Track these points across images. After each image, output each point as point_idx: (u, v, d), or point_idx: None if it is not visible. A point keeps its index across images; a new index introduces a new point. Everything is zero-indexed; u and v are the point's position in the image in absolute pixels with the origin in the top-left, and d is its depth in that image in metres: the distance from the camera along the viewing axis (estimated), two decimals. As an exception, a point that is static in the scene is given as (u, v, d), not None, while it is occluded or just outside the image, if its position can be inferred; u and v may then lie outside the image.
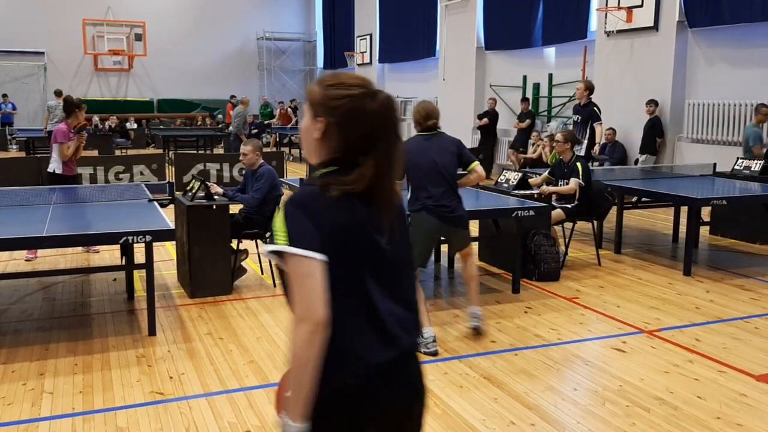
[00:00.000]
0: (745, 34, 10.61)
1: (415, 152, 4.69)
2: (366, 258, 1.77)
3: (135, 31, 24.59)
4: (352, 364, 1.71)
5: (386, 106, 1.84)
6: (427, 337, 4.58)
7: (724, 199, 6.73)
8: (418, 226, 4.65)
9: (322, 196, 1.74)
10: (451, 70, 17.57)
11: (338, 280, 1.71)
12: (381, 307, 1.76)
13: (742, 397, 3.92)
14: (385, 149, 1.79)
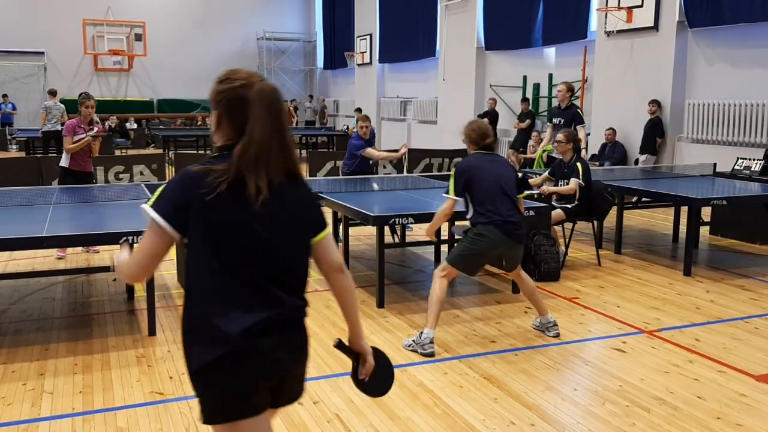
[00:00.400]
0: (745, 34, 10.61)
1: (479, 168, 4.74)
2: (235, 238, 1.97)
3: (135, 31, 24.61)
4: (220, 337, 1.94)
5: (261, 93, 2.00)
6: (424, 338, 4.57)
7: (724, 199, 6.73)
8: (484, 238, 4.65)
9: (201, 176, 1.95)
10: (451, 70, 17.58)
11: (203, 255, 1.96)
12: (249, 283, 2.00)
13: (742, 397, 3.92)
14: (258, 135, 1.97)
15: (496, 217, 4.63)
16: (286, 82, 27.18)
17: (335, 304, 5.88)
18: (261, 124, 1.97)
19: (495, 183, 4.70)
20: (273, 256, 2.07)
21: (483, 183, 4.69)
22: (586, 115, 13.20)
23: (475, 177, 4.70)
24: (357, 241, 8.10)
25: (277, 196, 2.03)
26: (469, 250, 4.70)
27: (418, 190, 7.12)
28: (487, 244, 4.66)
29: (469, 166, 4.76)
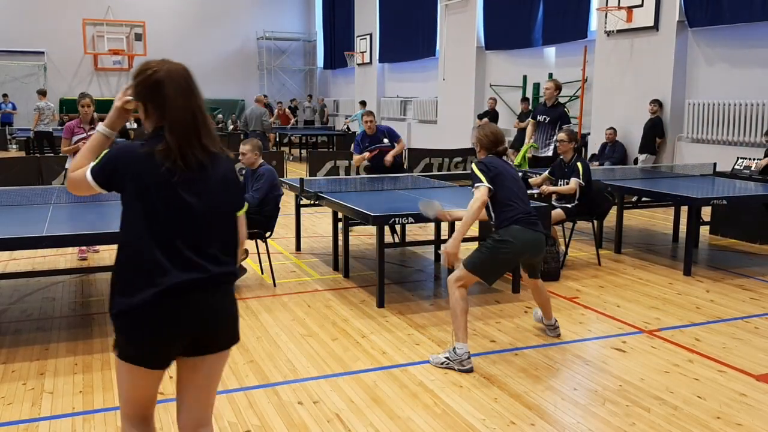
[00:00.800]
0: (745, 33, 10.61)
1: (501, 167, 4.55)
2: (161, 205, 2.23)
3: (135, 30, 24.60)
4: (136, 286, 2.22)
5: (170, 74, 2.29)
6: (461, 354, 4.28)
7: (724, 198, 6.72)
8: (508, 245, 4.35)
9: (134, 148, 2.27)
10: (451, 69, 17.58)
11: (135, 218, 2.24)
12: (173, 245, 2.24)
13: (742, 397, 3.92)
14: (173, 111, 2.26)
15: (521, 215, 4.41)
16: (286, 81, 27.18)
17: (335, 304, 5.91)
18: (174, 101, 2.26)
19: (515, 183, 4.57)
20: (195, 223, 2.29)
21: (506, 182, 4.48)
22: (586, 115, 13.23)
23: (500, 175, 4.47)
24: (357, 240, 8.10)
25: (201, 169, 2.29)
26: (492, 258, 4.40)
27: (418, 189, 7.11)
28: (511, 251, 4.38)
29: (493, 164, 4.54)
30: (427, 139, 18.54)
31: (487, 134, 4.67)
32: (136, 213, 2.24)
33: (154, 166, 2.22)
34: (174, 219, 2.25)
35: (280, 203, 6.39)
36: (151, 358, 2.34)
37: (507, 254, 4.40)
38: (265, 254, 6.37)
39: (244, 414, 3.69)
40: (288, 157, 17.60)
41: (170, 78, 2.29)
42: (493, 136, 4.65)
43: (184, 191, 2.25)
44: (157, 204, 2.23)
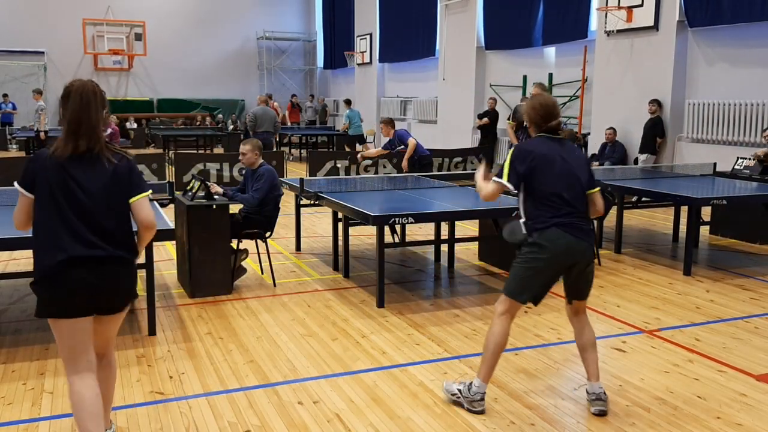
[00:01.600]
0: (745, 33, 10.61)
1: (545, 156, 3.67)
2: (58, 192, 2.88)
3: (135, 30, 24.60)
4: (45, 259, 2.90)
5: (76, 88, 2.94)
6: (474, 393, 3.73)
7: (724, 198, 6.72)
8: (542, 250, 3.61)
9: (42, 153, 2.97)
10: (451, 69, 17.58)
11: (42, 207, 2.92)
12: (68, 227, 2.88)
13: (742, 397, 3.92)
14: (70, 115, 2.91)
15: (559, 219, 3.61)
16: (286, 81, 27.18)
17: (335, 304, 5.91)
18: (73, 107, 2.91)
19: (563, 177, 3.67)
20: (87, 209, 2.91)
21: (548, 176, 3.64)
22: (586, 115, 13.24)
23: (539, 167, 3.64)
24: (357, 240, 8.10)
25: (90, 162, 2.93)
26: (525, 270, 3.67)
27: (418, 189, 7.11)
28: (547, 257, 3.60)
29: (535, 152, 3.67)
30: (427, 139, 18.49)
31: (535, 107, 3.78)
32: (41, 201, 2.92)
33: (52, 163, 2.89)
34: (67, 205, 2.88)
35: (280, 203, 6.39)
36: (63, 310, 2.95)
37: (539, 263, 3.62)
38: (265, 254, 6.37)
39: (244, 414, 3.69)
40: (288, 157, 17.59)
41: (75, 91, 2.92)
42: (543, 109, 3.75)
43: (74, 181, 2.89)
44: (55, 192, 2.88)
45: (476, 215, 6.38)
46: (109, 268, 2.95)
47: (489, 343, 3.71)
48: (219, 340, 4.82)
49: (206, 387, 4.04)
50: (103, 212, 2.92)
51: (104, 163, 2.93)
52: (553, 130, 3.76)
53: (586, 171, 3.82)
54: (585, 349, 3.79)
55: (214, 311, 5.48)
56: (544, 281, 3.71)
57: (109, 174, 2.93)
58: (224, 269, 5.90)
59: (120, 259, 2.98)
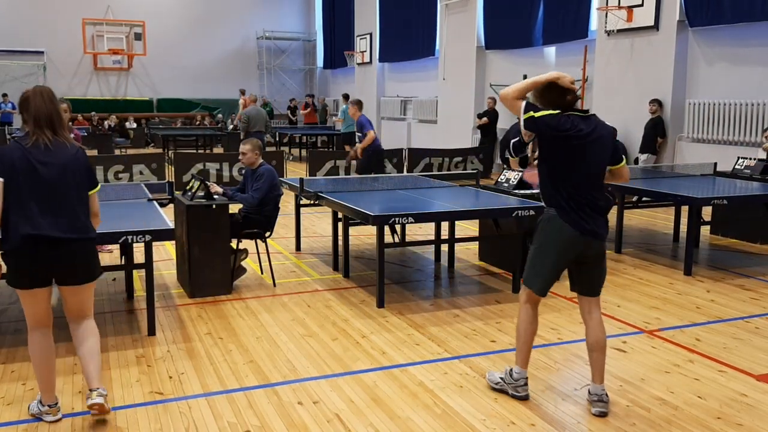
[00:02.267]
0: (745, 33, 10.60)
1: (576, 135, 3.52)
2: (27, 180, 3.35)
3: (134, 30, 24.59)
4: (13, 234, 3.36)
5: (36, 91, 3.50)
6: (517, 378, 3.86)
7: (724, 198, 6.71)
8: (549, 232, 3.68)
9: (15, 145, 3.44)
10: (451, 69, 17.57)
11: (12, 189, 3.34)
12: (33, 207, 3.35)
13: (742, 397, 3.92)
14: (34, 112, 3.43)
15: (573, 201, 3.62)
16: (285, 81, 27.17)
17: (335, 304, 5.91)
18: (36, 106, 3.43)
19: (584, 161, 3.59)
20: (50, 194, 3.39)
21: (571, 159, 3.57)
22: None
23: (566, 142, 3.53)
24: (357, 240, 8.10)
25: (54, 154, 3.41)
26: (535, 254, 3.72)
27: (418, 189, 7.11)
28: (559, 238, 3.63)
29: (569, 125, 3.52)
30: (427, 139, 18.52)
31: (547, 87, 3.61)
32: (12, 185, 3.34)
33: (21, 152, 3.37)
34: (31, 189, 3.36)
35: (280, 203, 6.38)
36: (28, 282, 3.44)
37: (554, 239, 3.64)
38: (265, 254, 6.36)
39: (243, 414, 3.68)
40: (288, 157, 17.57)
41: (35, 93, 3.47)
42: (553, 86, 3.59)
43: (38, 168, 3.36)
44: (20, 178, 3.34)
45: (476, 215, 6.37)
46: (67, 244, 3.43)
47: (518, 329, 3.86)
48: (219, 340, 4.81)
49: (206, 387, 4.03)
50: (64, 195, 3.42)
51: (67, 151, 3.46)
52: (570, 105, 3.60)
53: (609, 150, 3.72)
54: (592, 349, 3.78)
55: (213, 311, 5.47)
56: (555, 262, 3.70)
57: (71, 160, 3.47)
58: (224, 269, 5.90)
59: (75, 236, 3.44)
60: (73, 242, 3.44)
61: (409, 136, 20.17)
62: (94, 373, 3.56)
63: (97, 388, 3.53)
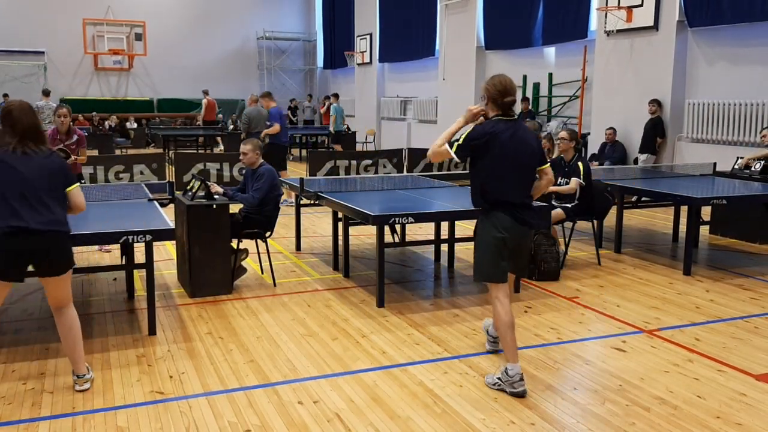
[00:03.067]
0: (745, 33, 10.61)
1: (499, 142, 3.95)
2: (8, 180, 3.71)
3: (135, 30, 24.60)
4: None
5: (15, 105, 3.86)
6: (513, 375, 3.93)
7: (724, 198, 6.72)
8: (489, 227, 4.02)
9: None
10: (451, 69, 17.58)
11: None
12: (15, 205, 3.69)
13: (741, 397, 3.93)
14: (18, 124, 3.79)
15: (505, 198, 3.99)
16: (286, 81, 27.18)
17: (335, 304, 5.91)
18: (24, 118, 3.81)
19: (512, 163, 3.98)
20: (30, 193, 3.72)
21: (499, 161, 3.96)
22: (586, 115, 13.23)
23: (489, 152, 3.95)
24: (357, 240, 8.11)
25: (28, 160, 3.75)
26: (482, 247, 4.06)
27: (417, 189, 7.12)
28: (499, 232, 3.98)
29: (490, 135, 3.95)
30: (426, 139, 18.49)
31: (495, 83, 4.02)
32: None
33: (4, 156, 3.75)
34: (11, 187, 3.70)
35: (280, 203, 6.39)
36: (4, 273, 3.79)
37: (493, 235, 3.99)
38: (265, 254, 6.37)
39: (244, 413, 3.69)
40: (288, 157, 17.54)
41: (14, 106, 3.84)
42: (501, 86, 4.00)
43: (18, 168, 3.71)
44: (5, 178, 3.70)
45: (476, 215, 6.37)
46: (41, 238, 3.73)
47: (497, 325, 4.08)
48: (219, 340, 4.82)
49: (206, 387, 4.04)
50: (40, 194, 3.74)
51: (43, 156, 3.81)
52: (507, 106, 4.02)
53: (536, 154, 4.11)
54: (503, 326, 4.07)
55: (214, 311, 5.48)
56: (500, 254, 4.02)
57: (47, 164, 3.80)
58: (224, 269, 5.91)
59: (50, 230, 3.75)
60: (49, 233, 3.75)
61: (409, 136, 20.18)
62: (77, 358, 3.99)
63: (84, 374, 3.99)
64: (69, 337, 3.98)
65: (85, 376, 4.01)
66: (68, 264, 3.92)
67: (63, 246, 3.88)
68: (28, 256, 3.78)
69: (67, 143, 7.14)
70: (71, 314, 4.00)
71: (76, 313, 4.03)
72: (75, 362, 4.01)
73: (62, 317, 3.98)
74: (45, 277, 3.87)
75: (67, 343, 3.99)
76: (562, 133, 7.10)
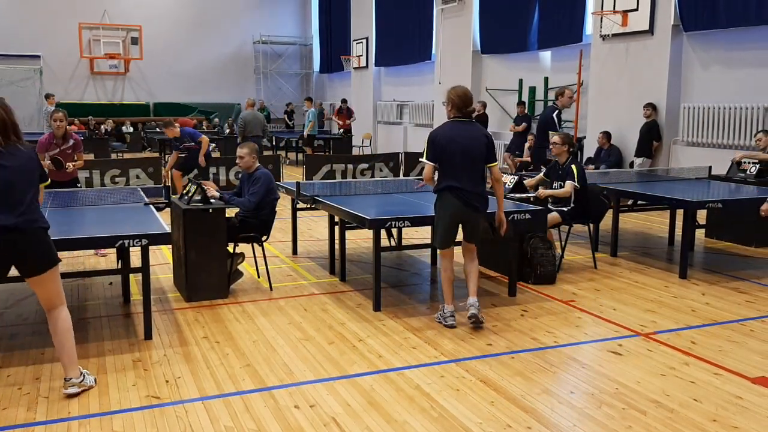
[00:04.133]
0: (739, 37, 10.66)
1: (449, 139, 4.99)
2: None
3: (131, 34, 24.57)
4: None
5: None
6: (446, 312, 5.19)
7: (719, 202, 6.74)
8: (443, 203, 5.09)
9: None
10: (447, 73, 17.60)
11: None
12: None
13: (737, 400, 3.93)
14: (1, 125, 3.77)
15: (455, 184, 4.98)
16: (282, 85, 27.18)
17: (332, 308, 5.91)
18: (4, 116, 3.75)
19: (461, 155, 4.97)
20: (7, 190, 3.69)
21: (450, 155, 4.97)
22: (582, 119, 13.27)
23: (444, 148, 4.98)
24: (353, 244, 8.10)
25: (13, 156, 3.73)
26: (437, 219, 5.15)
27: (414, 193, 7.12)
28: (447, 210, 5.05)
29: (440, 137, 5.03)
30: (423, 143, 18.52)
31: (458, 94, 5.06)
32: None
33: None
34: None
35: (277, 207, 6.39)
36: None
37: (444, 212, 5.08)
38: (262, 258, 6.36)
39: (240, 418, 3.69)
40: (284, 161, 17.56)
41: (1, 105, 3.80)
42: (465, 96, 5.05)
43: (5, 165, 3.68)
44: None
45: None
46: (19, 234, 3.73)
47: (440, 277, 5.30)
48: (215, 344, 4.81)
49: (202, 391, 4.03)
50: (20, 192, 3.72)
51: (23, 154, 3.79)
52: (467, 115, 5.08)
53: (482, 149, 5.03)
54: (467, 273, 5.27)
55: (210, 315, 5.48)
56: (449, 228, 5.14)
57: (26, 161, 3.80)
58: (220, 273, 5.90)
59: (25, 227, 3.74)
60: (28, 231, 3.75)
61: (405, 140, 20.20)
62: (66, 361, 3.96)
63: (70, 377, 3.94)
64: (58, 339, 3.95)
65: (71, 380, 3.95)
66: (50, 261, 3.88)
67: (43, 242, 3.85)
68: (8, 255, 3.78)
69: (64, 148, 7.13)
70: (61, 315, 3.96)
71: (67, 314, 4.00)
72: (64, 365, 3.98)
73: (52, 318, 3.96)
74: (29, 277, 3.88)
75: (56, 344, 3.97)
76: (555, 137, 7.12)
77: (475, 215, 5.14)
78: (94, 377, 4.14)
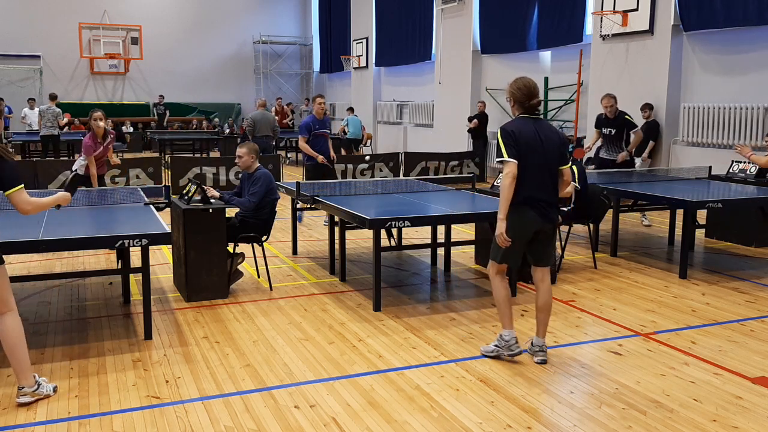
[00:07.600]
0: (739, 37, 10.65)
1: (526, 135, 4.26)
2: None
3: (131, 34, 24.56)
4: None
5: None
6: (509, 340, 4.49)
7: (719, 202, 6.74)
8: (518, 222, 4.33)
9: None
10: (447, 73, 17.60)
11: None
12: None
13: (737, 400, 3.93)
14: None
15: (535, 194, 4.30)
16: (282, 85, 27.18)
17: (332, 308, 5.91)
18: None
19: (540, 159, 4.28)
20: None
21: (528, 159, 4.24)
22: (582, 119, 13.27)
23: (523, 149, 4.23)
24: (353, 244, 8.10)
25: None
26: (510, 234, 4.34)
27: (414, 193, 7.12)
28: (525, 227, 4.32)
29: (518, 133, 4.25)
30: (423, 143, 18.55)
31: (519, 87, 4.36)
32: None
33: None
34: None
35: (277, 207, 6.39)
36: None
37: (517, 228, 4.31)
38: (262, 258, 6.36)
39: (240, 418, 3.69)
40: (284, 161, 17.56)
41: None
42: (527, 89, 4.34)
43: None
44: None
45: (472, 218, 6.38)
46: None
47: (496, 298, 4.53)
48: (215, 344, 4.81)
49: (202, 391, 4.03)
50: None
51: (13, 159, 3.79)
52: (533, 108, 4.37)
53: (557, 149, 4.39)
54: (540, 310, 4.52)
55: (210, 315, 5.48)
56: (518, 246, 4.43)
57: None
58: (220, 273, 5.90)
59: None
60: None
61: (405, 139, 20.19)
62: (18, 369, 3.83)
63: (23, 386, 3.83)
64: (6, 347, 3.77)
65: (24, 389, 3.83)
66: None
67: None
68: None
69: (106, 144, 7.47)
70: (7, 322, 3.76)
71: (16, 321, 3.80)
72: (16, 374, 3.83)
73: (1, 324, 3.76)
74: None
75: (6, 352, 3.79)
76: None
77: (552, 228, 4.47)
78: (54, 385, 4.01)
